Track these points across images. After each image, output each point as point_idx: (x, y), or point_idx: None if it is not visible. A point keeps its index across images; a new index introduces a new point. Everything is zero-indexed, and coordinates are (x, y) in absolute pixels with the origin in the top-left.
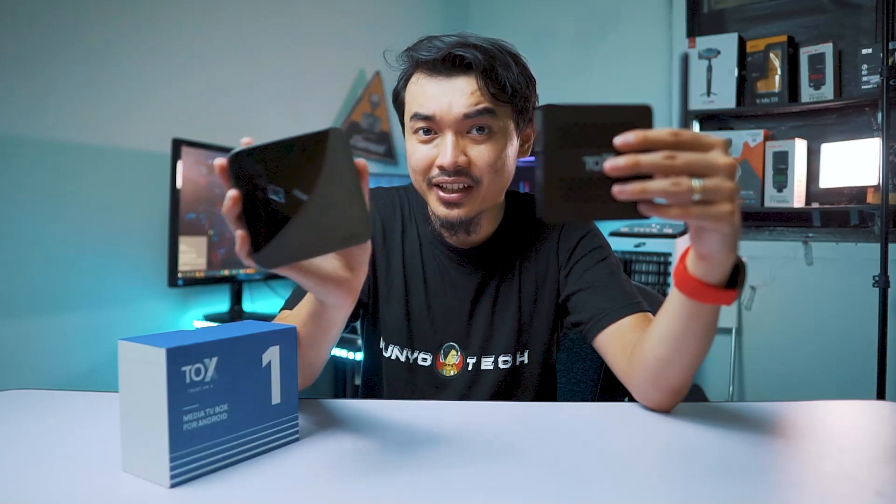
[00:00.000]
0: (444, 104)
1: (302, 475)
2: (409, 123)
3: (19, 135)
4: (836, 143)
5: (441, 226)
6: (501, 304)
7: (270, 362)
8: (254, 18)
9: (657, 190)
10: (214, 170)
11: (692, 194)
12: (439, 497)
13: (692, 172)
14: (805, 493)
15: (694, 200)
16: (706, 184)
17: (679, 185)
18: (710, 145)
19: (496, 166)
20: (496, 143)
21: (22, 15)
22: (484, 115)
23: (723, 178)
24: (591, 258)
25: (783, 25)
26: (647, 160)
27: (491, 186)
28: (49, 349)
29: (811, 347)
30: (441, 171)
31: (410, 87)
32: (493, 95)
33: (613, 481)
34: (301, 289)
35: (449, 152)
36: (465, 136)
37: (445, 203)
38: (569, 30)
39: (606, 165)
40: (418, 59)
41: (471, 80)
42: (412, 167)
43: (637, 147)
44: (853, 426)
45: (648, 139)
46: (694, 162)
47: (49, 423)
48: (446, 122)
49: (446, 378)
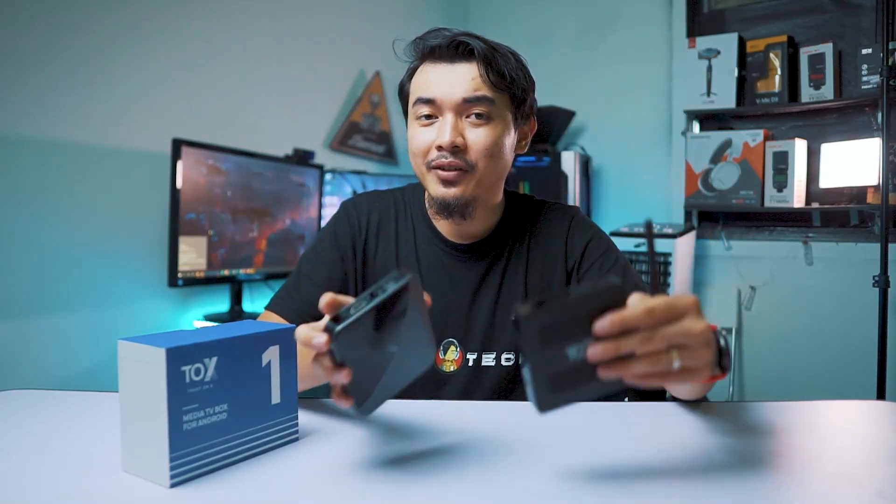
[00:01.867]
0: (445, 88)
1: (302, 475)
2: (412, 109)
3: (19, 135)
4: (836, 143)
5: (438, 208)
6: (505, 301)
7: (270, 362)
8: (254, 18)
9: (640, 372)
10: (313, 348)
11: (672, 366)
12: (439, 497)
13: (670, 345)
14: (805, 493)
15: (674, 370)
16: (684, 356)
17: (659, 363)
18: (683, 311)
19: (491, 151)
20: (493, 129)
21: (22, 15)
22: (483, 101)
23: (699, 345)
24: (603, 264)
25: (783, 25)
26: (626, 345)
27: (486, 171)
28: (49, 349)
29: (811, 347)
30: (439, 151)
31: (416, 77)
32: (493, 83)
33: (614, 481)
34: (289, 294)
35: (447, 132)
36: (464, 120)
37: (442, 181)
38: (569, 30)
39: (589, 355)
40: (426, 48)
41: (472, 67)
42: (412, 151)
43: (616, 333)
44: (853, 426)
45: (626, 322)
46: (670, 336)
47: (49, 423)
48: (447, 104)
49: (446, 374)
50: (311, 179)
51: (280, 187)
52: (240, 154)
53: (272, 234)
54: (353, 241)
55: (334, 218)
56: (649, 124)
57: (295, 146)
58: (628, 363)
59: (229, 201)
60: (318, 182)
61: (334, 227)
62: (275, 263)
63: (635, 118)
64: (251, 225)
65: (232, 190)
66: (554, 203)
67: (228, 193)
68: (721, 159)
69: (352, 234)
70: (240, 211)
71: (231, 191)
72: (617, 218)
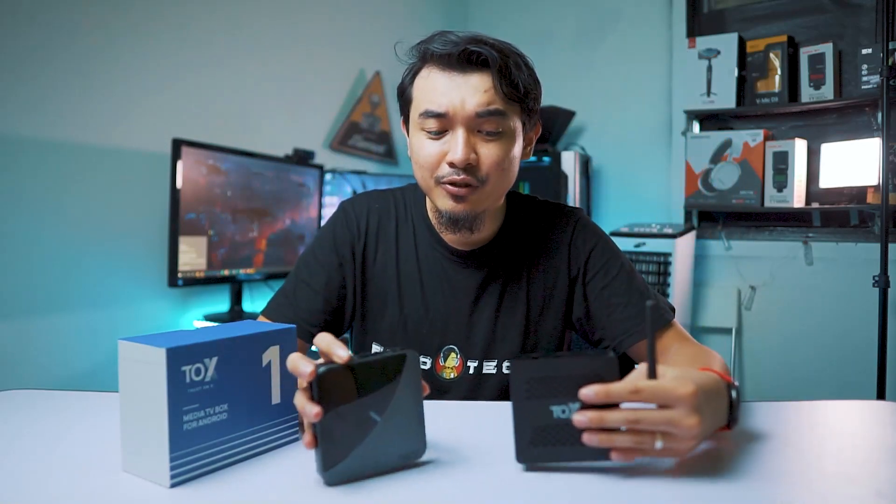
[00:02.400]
0: (456, 101)
1: (302, 475)
2: (417, 120)
3: (19, 135)
4: (836, 143)
5: (445, 222)
6: (507, 308)
7: (270, 362)
8: (254, 18)
9: (622, 446)
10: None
11: (654, 446)
12: (440, 497)
13: (656, 432)
14: (805, 493)
15: (656, 448)
16: (668, 441)
17: (641, 443)
18: (675, 401)
19: (503, 166)
20: (505, 144)
21: (22, 15)
22: (495, 115)
23: (685, 437)
24: (607, 273)
25: (783, 25)
26: (612, 419)
27: (496, 186)
28: (49, 349)
29: (811, 347)
30: (451, 167)
31: (419, 82)
32: (506, 94)
33: (614, 482)
34: (286, 300)
35: (460, 149)
36: (476, 134)
37: (453, 196)
38: (569, 30)
39: (574, 419)
40: (431, 53)
41: (485, 78)
42: (420, 164)
43: (600, 402)
44: (853, 426)
45: (611, 395)
46: (656, 422)
47: (49, 423)
48: (458, 118)
49: (447, 381)
50: (311, 179)
51: (280, 187)
52: (240, 154)
53: (272, 234)
54: (353, 244)
55: (332, 220)
56: (649, 124)
57: (295, 146)
58: (612, 435)
59: (229, 201)
60: (318, 182)
61: (333, 229)
62: (275, 263)
63: (635, 118)
64: (251, 225)
65: (232, 190)
66: (557, 204)
67: (228, 193)
68: (721, 159)
69: (350, 238)
70: (240, 211)
71: (231, 191)
72: (617, 218)
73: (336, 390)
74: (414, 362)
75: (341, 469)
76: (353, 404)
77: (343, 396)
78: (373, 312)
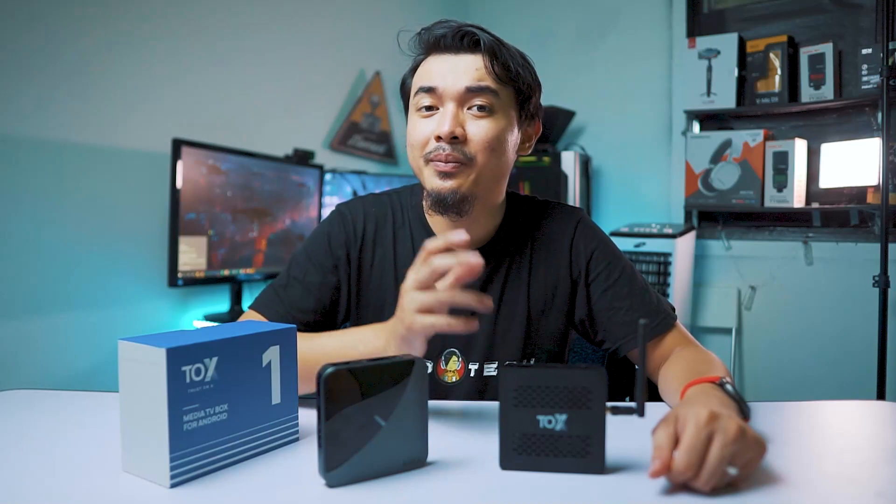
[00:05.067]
0: (448, 77)
1: (302, 475)
2: (413, 100)
3: (19, 135)
4: (836, 143)
5: (433, 203)
6: (507, 310)
7: (270, 362)
8: (254, 19)
9: (704, 487)
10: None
11: (730, 475)
12: (440, 498)
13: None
14: (805, 493)
15: (734, 474)
16: (736, 462)
17: (721, 480)
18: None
19: (492, 145)
20: (495, 123)
21: (22, 15)
22: (486, 92)
23: (744, 448)
24: (609, 275)
25: (783, 25)
26: (688, 476)
27: (485, 166)
28: (49, 349)
29: (811, 347)
30: (437, 142)
31: (419, 70)
32: (498, 75)
33: (614, 484)
34: (276, 295)
35: (447, 121)
36: (466, 112)
37: (439, 174)
38: (569, 30)
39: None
40: (431, 38)
41: (477, 58)
42: (411, 143)
43: (665, 468)
44: (853, 426)
45: (663, 468)
46: (722, 458)
47: (49, 423)
48: (448, 94)
49: (448, 385)
50: (311, 179)
51: (280, 187)
52: (240, 154)
53: (272, 234)
54: (348, 247)
55: (328, 222)
56: (649, 124)
57: (295, 146)
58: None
59: (229, 201)
60: (318, 182)
61: (328, 231)
62: (275, 263)
63: (635, 118)
64: (251, 225)
65: (232, 190)
66: (558, 204)
67: (228, 193)
68: (721, 159)
69: (346, 241)
70: (240, 211)
71: (231, 191)
72: (617, 218)
73: (342, 392)
74: (421, 369)
75: (343, 471)
76: (358, 406)
77: (348, 398)
78: (369, 318)
